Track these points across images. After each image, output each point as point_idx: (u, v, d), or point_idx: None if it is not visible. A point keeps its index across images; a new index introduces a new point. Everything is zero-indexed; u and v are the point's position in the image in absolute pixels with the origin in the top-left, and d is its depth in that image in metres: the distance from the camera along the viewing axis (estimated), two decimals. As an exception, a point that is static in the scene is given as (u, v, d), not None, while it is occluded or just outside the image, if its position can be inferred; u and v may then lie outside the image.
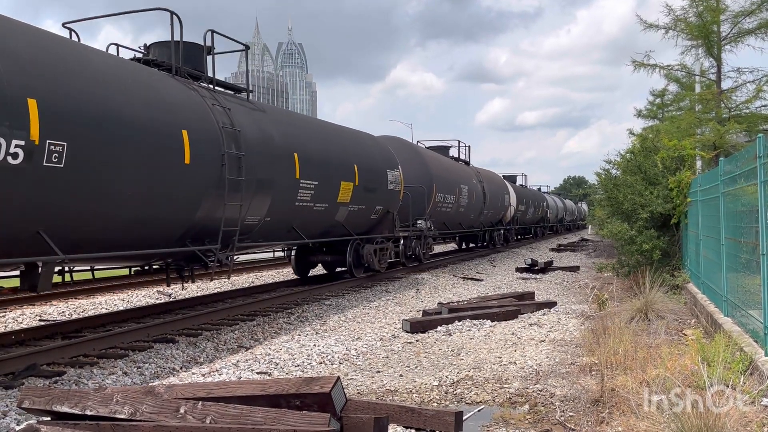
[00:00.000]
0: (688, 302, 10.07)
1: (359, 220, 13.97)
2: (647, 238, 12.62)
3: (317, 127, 13.15)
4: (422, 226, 17.33)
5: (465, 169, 23.58)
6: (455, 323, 9.41)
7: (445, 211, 19.96)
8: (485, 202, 24.47)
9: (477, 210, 23.59)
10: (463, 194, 21.35)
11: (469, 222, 23.50)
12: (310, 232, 12.15)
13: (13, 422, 5.02)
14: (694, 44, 15.74)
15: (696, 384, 4.92)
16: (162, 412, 4.25)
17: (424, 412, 4.84)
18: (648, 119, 25.44)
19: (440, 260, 21.23)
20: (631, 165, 14.62)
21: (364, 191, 13.55)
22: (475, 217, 23.76)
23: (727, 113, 15.72)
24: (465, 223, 22.99)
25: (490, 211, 25.78)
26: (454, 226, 21.68)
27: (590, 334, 7.94)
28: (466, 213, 22.38)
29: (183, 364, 7.36)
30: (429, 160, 18.91)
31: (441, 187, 19.02)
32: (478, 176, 24.36)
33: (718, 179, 8.08)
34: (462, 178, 21.85)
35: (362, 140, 14.80)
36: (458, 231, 23.00)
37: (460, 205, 21.17)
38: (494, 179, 27.74)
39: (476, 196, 23.14)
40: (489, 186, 25.67)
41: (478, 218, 24.22)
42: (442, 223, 20.11)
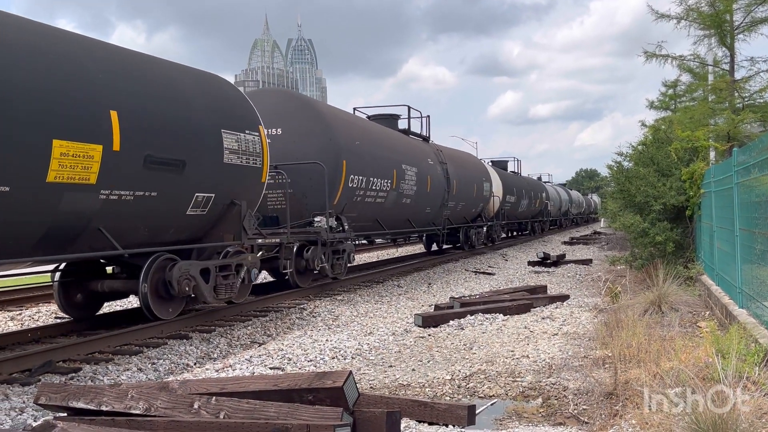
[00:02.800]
0: (702, 294, 9.99)
1: (144, 219, 7.82)
2: (660, 230, 12.53)
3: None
4: (322, 225, 11.78)
5: (416, 145, 17.32)
6: (467, 317, 9.40)
7: (373, 203, 13.99)
8: (450, 190, 18.62)
9: (435, 201, 17.90)
10: (407, 179, 15.32)
11: (423, 218, 17.56)
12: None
13: (30, 418, 5.09)
14: (707, 34, 15.55)
15: (710, 376, 4.89)
16: (176, 408, 4.28)
17: (436, 406, 4.85)
18: (660, 110, 25.19)
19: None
20: (644, 157, 14.52)
21: (144, 166, 7.42)
22: (435, 210, 18.14)
23: (741, 103, 15.53)
24: (417, 218, 16.91)
25: (460, 203, 20.14)
26: (395, 223, 15.66)
27: (603, 327, 7.91)
28: (416, 205, 16.40)
29: (196, 359, 7.41)
30: (335, 125, 12.54)
31: (358, 165, 12.86)
32: (438, 156, 18.37)
33: (732, 170, 8.00)
34: (406, 156, 15.72)
35: (147, 66, 8.10)
36: (402, 230, 16.85)
37: (402, 194, 15.20)
38: (467, 163, 21.72)
39: (434, 183, 17.38)
40: (457, 171, 19.58)
41: (439, 212, 18.58)
42: (374, 219, 14.41)
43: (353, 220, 13.21)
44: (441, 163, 18.40)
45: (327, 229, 11.83)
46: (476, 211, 22.67)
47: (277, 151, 11.40)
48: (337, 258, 12.59)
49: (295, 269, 11.50)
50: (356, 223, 13.47)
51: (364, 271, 16.08)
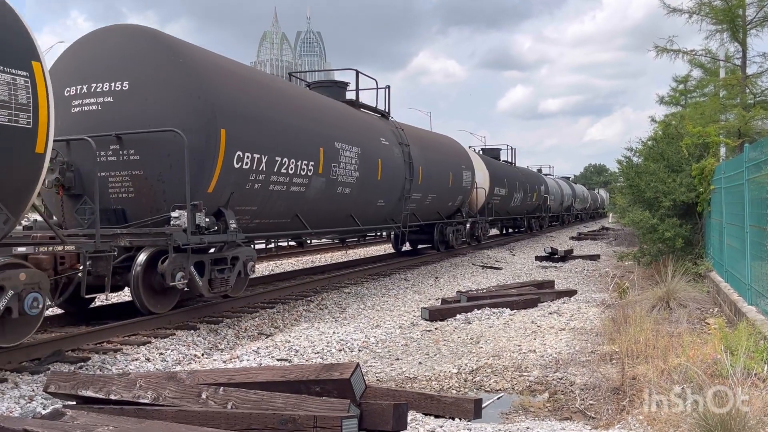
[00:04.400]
0: (711, 291, 9.95)
1: None
2: (669, 226, 12.46)
3: None
4: (179, 223, 7.99)
5: (364, 120, 13.40)
6: (474, 311, 9.40)
7: (285, 193, 9.95)
8: (412, 179, 14.67)
9: (392, 192, 13.91)
10: (343, 161, 11.50)
11: (373, 213, 13.56)
12: None
13: (39, 406, 5.13)
14: (719, 29, 15.42)
15: (718, 373, 4.87)
16: (184, 398, 4.31)
17: (443, 399, 4.86)
18: (671, 106, 25.03)
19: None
20: (654, 152, 14.43)
21: None
22: (391, 204, 14.10)
23: (753, 99, 15.41)
24: (364, 213, 13.01)
25: (430, 195, 16.22)
26: (328, 219, 11.83)
27: (611, 322, 7.89)
28: (359, 197, 12.43)
29: (204, 350, 7.45)
30: (211, 78, 8.64)
31: (251, 138, 8.99)
32: (398, 136, 14.45)
33: (743, 166, 7.95)
34: (344, 131, 11.80)
35: None
36: (342, 229, 12.85)
37: (335, 181, 11.33)
38: (439, 146, 17.78)
39: (389, 169, 13.51)
40: (425, 155, 15.68)
41: (398, 206, 14.40)
42: (292, 215, 10.50)
43: (254, 216, 9.54)
44: (401, 144, 14.36)
45: (189, 229, 7.89)
46: (454, 204, 18.70)
47: (123, 114, 8.24)
48: (220, 270, 8.63)
49: (143, 287, 7.97)
50: (261, 220, 9.81)
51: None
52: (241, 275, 9.16)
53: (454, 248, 19.17)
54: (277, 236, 10.96)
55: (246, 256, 9.17)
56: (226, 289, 8.90)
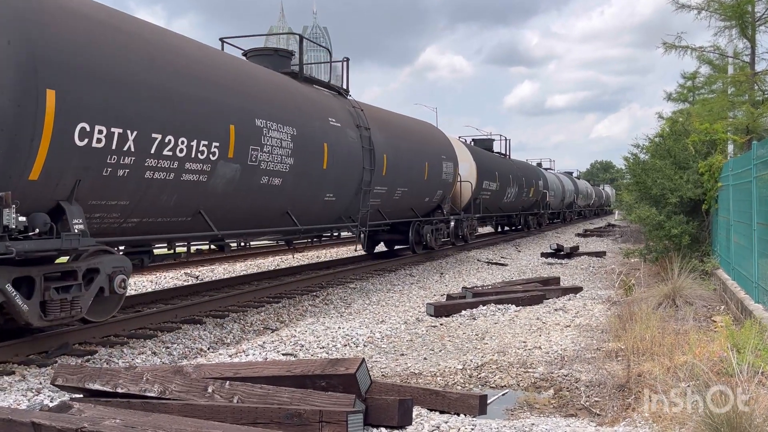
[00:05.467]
0: (718, 288, 9.91)
1: None
2: (676, 223, 12.42)
3: None
4: None
5: (307, 96, 10.74)
6: (479, 307, 9.40)
7: (177, 182, 7.58)
8: (374, 169, 12.19)
9: (345, 185, 11.45)
10: (267, 144, 9.00)
11: (319, 210, 11.02)
12: None
13: (46, 399, 5.16)
14: (728, 25, 15.32)
15: (725, 371, 4.86)
16: (190, 391, 4.33)
17: (448, 395, 4.86)
18: (678, 102, 24.91)
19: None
20: (661, 149, 14.37)
21: None
22: (346, 199, 11.66)
23: (761, 96, 15.31)
24: (305, 210, 10.51)
25: (399, 189, 13.85)
26: (249, 217, 9.32)
27: (616, 319, 7.87)
28: (297, 190, 9.99)
29: (210, 344, 7.48)
30: (33, 11, 5.95)
31: (103, 103, 6.48)
32: (356, 117, 12.11)
33: (751, 163, 7.91)
34: (272, 107, 9.33)
35: None
36: (270, 230, 10.20)
37: (257, 168, 8.85)
38: (411, 133, 15.22)
39: (340, 157, 11.03)
40: (391, 142, 13.43)
41: (354, 202, 11.91)
42: (194, 212, 8.13)
43: (127, 214, 7.17)
44: (359, 127, 11.98)
45: None
46: (432, 200, 16.38)
47: None
48: (63, 288, 6.29)
49: None
50: (141, 219, 7.44)
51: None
52: (105, 293, 6.73)
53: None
54: (168, 240, 8.33)
55: (112, 268, 6.79)
56: (74, 315, 6.40)
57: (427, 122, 18.16)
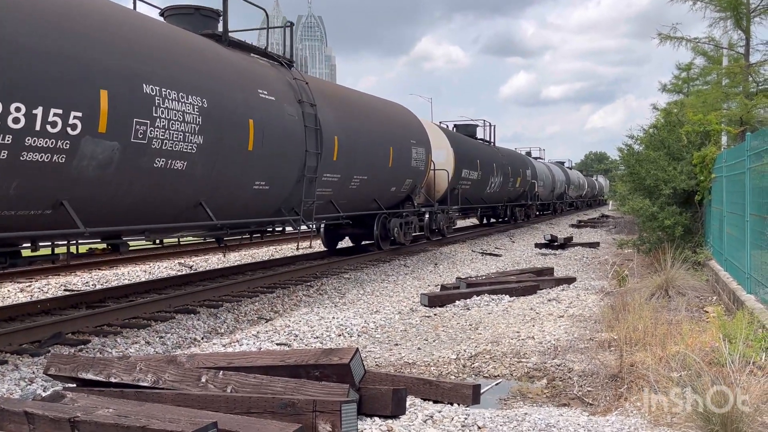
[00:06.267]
0: (710, 279, 9.97)
1: None
2: (669, 214, 12.46)
3: None
4: None
5: (231, 61, 9.01)
6: (473, 298, 9.42)
7: (10, 161, 5.65)
8: (320, 151, 10.44)
9: (281, 172, 9.66)
10: (162, 117, 7.21)
11: (246, 201, 9.26)
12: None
13: (39, 388, 5.15)
14: (723, 16, 15.30)
15: (716, 361, 4.89)
16: (184, 381, 4.32)
17: (441, 385, 4.88)
18: (673, 94, 24.93)
19: None
20: (655, 140, 14.39)
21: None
22: (284, 189, 9.91)
23: (755, 87, 15.33)
24: (227, 201, 8.81)
25: (356, 177, 12.14)
26: (134, 212, 7.52)
27: (609, 310, 7.91)
28: (211, 176, 8.26)
29: (204, 334, 7.47)
30: None
31: None
32: (298, 91, 10.27)
33: (744, 154, 7.94)
34: (170, 70, 7.52)
35: None
36: (180, 225, 8.33)
37: (147, 148, 7.07)
38: (374, 112, 13.51)
39: (273, 138, 9.29)
40: (346, 122, 11.76)
41: (296, 191, 10.13)
42: (52, 202, 6.34)
43: None
44: (302, 103, 10.12)
45: None
46: (400, 190, 14.61)
47: None
48: None
49: None
50: None
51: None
52: None
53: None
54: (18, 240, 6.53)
55: None
56: None
57: (395, 102, 15.90)
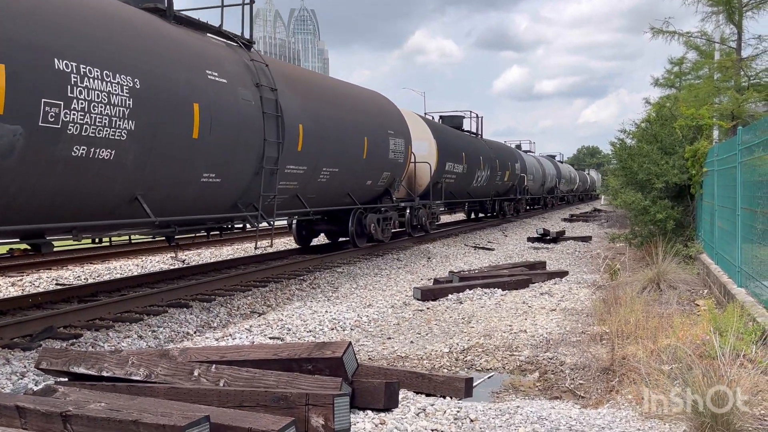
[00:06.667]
0: (701, 273, 10.02)
1: None
2: (661, 208, 12.51)
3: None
4: None
5: (173, 37, 8.05)
6: (466, 291, 9.44)
7: None
8: (281, 141, 9.57)
9: (233, 162, 8.73)
10: (83, 97, 6.31)
11: (188, 196, 8.28)
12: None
13: (31, 383, 5.13)
14: (715, 10, 15.35)
15: (707, 354, 4.92)
16: (176, 375, 4.32)
17: (434, 378, 4.89)
18: (665, 88, 25.01)
19: None
20: (647, 134, 14.44)
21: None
22: (240, 182, 9.08)
23: (747, 82, 15.40)
24: (166, 195, 7.89)
25: (326, 169, 11.27)
26: (51, 207, 6.55)
27: (601, 303, 7.94)
28: (147, 167, 7.33)
29: (197, 328, 7.46)
30: None
31: None
32: (258, 74, 9.36)
33: (736, 148, 7.97)
34: (93, 44, 6.59)
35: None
36: (73, 225, 6.90)
37: (62, 134, 6.17)
38: (347, 99, 12.67)
39: (220, 123, 8.29)
40: (313, 109, 10.76)
41: (253, 184, 9.26)
42: None
43: None
44: (260, 86, 9.22)
45: None
46: (377, 184, 13.82)
47: None
48: None
49: None
50: None
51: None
52: None
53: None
54: None
55: None
56: None
57: (372, 90, 15.03)
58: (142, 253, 14.25)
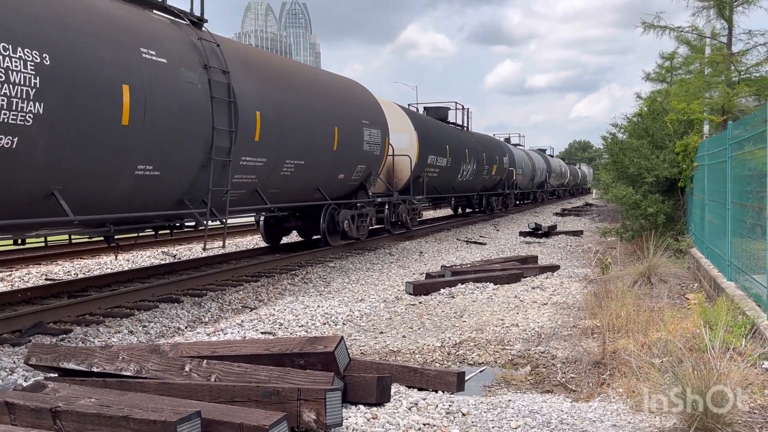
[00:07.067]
0: (692, 267, 10.08)
1: None
2: (652, 202, 12.57)
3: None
4: None
5: (113, 13, 7.21)
6: (458, 286, 9.45)
7: None
8: (234, 129, 8.69)
9: (175, 153, 7.87)
10: None
11: (118, 191, 7.31)
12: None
13: (20, 378, 5.10)
14: (706, 5, 15.40)
15: (697, 347, 4.95)
16: (167, 370, 4.29)
17: (426, 372, 4.89)
18: (656, 83, 25.10)
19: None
20: (638, 129, 14.49)
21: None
22: (179, 175, 8.13)
23: (737, 76, 15.47)
24: (89, 190, 6.96)
25: (291, 161, 10.39)
26: None
27: (593, 297, 7.97)
28: (63, 157, 6.37)
29: (188, 323, 7.43)
30: None
31: None
32: (206, 54, 8.43)
33: (726, 143, 8.00)
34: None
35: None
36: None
37: None
38: (314, 86, 11.71)
39: (157, 109, 7.39)
40: (272, 93, 9.89)
41: (199, 177, 8.38)
42: None
43: None
44: (208, 69, 8.34)
45: None
46: (350, 178, 12.99)
47: None
48: None
49: None
50: None
51: None
52: None
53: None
54: None
55: None
56: None
57: (346, 77, 14.06)
58: (132, 248, 14.18)
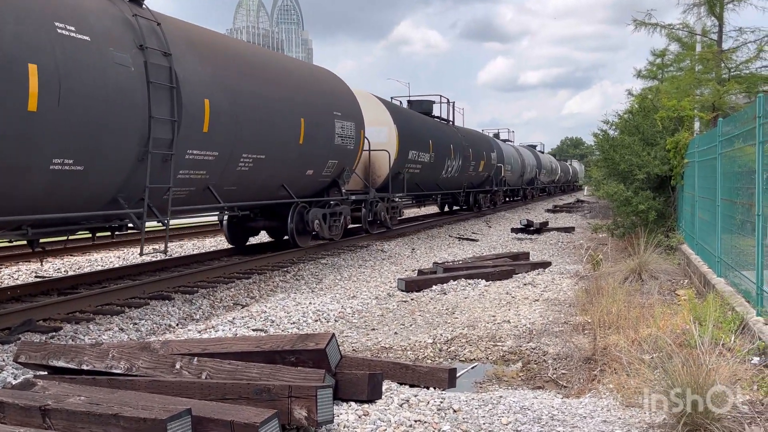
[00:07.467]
0: (682, 263, 10.13)
1: None
2: (643, 199, 12.63)
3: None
4: None
5: None
6: (450, 282, 9.46)
7: None
8: (178, 119, 7.72)
9: (101, 146, 6.80)
10: None
11: (26, 191, 6.25)
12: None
13: (9, 376, 5.06)
14: (697, 2, 15.46)
15: (687, 343, 4.97)
16: (158, 368, 4.28)
17: (418, 369, 4.89)
18: (648, 80, 25.16)
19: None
20: (629, 125, 14.54)
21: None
22: (106, 172, 7.05)
23: (727, 73, 15.54)
24: (3, 195, 6.05)
25: (251, 156, 9.48)
26: None
27: (584, 293, 8.00)
28: None
29: (179, 320, 7.40)
30: None
31: None
32: (143, 33, 7.37)
33: (716, 140, 8.04)
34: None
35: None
36: None
37: None
38: (278, 73, 10.74)
39: (77, 94, 6.35)
40: (226, 79, 8.82)
41: (134, 174, 7.37)
42: None
43: None
44: (144, 50, 7.37)
45: None
46: (320, 174, 12.01)
47: None
48: None
49: None
50: None
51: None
52: None
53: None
54: None
55: None
56: None
57: (317, 65, 13.13)
58: (123, 245, 14.11)
